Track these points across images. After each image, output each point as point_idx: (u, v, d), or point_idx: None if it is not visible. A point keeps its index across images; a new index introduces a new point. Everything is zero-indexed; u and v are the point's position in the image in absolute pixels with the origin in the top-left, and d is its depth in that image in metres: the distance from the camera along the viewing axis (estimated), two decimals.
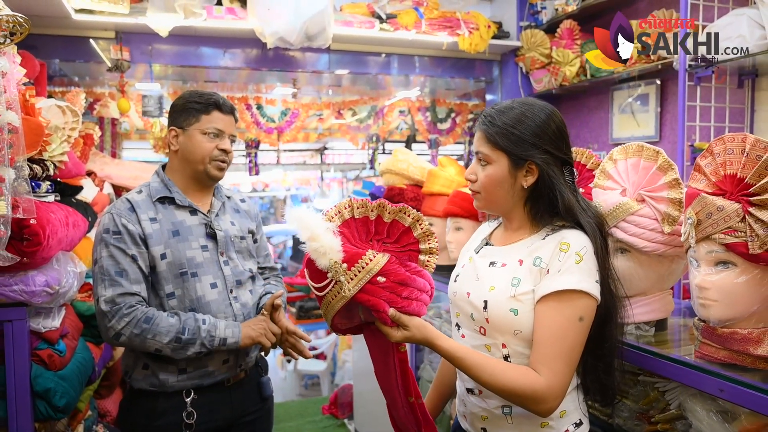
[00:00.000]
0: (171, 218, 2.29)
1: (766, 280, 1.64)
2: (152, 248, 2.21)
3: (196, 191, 2.40)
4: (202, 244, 2.31)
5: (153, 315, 2.14)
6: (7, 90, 1.82)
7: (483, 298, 1.73)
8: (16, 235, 2.01)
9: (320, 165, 9.93)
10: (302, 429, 5.36)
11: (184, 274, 2.24)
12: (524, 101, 1.77)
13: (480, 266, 1.82)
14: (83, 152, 3.25)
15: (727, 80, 3.60)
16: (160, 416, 2.23)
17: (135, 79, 5.28)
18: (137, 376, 2.26)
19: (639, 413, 2.09)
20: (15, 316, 2.20)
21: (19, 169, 1.89)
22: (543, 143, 1.70)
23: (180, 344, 2.14)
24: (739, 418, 1.72)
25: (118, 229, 2.19)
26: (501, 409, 1.75)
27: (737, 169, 1.64)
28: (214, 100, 2.36)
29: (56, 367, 2.36)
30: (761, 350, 1.65)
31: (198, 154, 2.33)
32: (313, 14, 4.23)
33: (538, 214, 1.76)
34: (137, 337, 2.12)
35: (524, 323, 1.66)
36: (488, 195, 1.78)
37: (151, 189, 2.34)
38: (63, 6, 3.73)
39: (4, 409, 2.23)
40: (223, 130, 2.37)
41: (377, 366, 1.85)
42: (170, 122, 2.40)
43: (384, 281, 1.62)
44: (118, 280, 2.14)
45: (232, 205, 2.53)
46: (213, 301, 2.27)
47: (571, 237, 1.67)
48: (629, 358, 1.98)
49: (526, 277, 1.68)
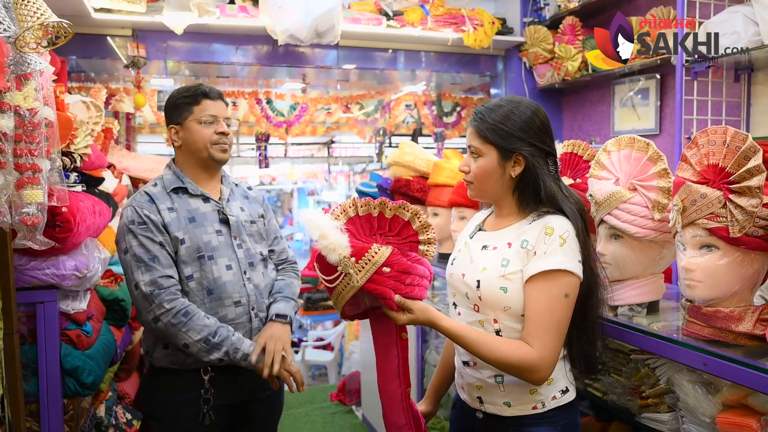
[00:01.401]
0: (186, 206, 2.41)
1: (746, 262, 1.78)
2: (173, 234, 2.33)
3: (206, 180, 2.52)
4: (216, 229, 2.42)
5: (192, 311, 2.25)
6: (43, 87, 1.96)
7: (476, 278, 1.89)
8: (49, 222, 2.13)
9: (327, 158, 10.01)
10: (311, 415, 5.47)
11: (202, 257, 2.35)
12: (512, 99, 1.94)
13: (474, 249, 1.98)
14: (104, 145, 3.37)
15: (724, 75, 3.70)
16: (179, 392, 2.34)
17: (150, 75, 5.39)
18: (158, 355, 2.36)
19: (631, 389, 2.23)
20: (46, 298, 2.35)
21: (53, 161, 2.02)
22: (529, 137, 1.86)
23: (207, 345, 2.24)
24: (721, 390, 1.85)
25: (142, 220, 2.30)
26: (494, 378, 1.91)
27: (719, 159, 1.77)
28: (201, 90, 2.48)
29: (84, 347, 2.49)
30: (742, 327, 1.79)
31: (199, 143, 2.44)
32: (322, 12, 4.35)
33: (525, 201, 1.93)
34: (173, 327, 2.23)
35: (513, 300, 1.83)
36: (480, 184, 1.94)
37: (165, 181, 2.45)
38: (83, 5, 3.86)
39: (36, 385, 2.36)
40: (216, 115, 2.47)
41: (380, 351, 2.00)
42: (168, 122, 2.53)
43: (389, 271, 1.80)
44: (153, 265, 2.26)
45: (241, 192, 2.65)
46: (228, 281, 2.38)
47: (555, 222, 1.83)
48: (622, 336, 2.15)
49: (515, 258, 1.84)
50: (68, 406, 2.52)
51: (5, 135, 1.75)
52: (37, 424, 2.39)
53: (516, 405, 1.91)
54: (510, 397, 1.91)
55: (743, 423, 1.74)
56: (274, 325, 2.42)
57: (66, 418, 2.49)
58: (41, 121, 1.89)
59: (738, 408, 1.81)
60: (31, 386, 2.37)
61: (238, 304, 2.39)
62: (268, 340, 2.34)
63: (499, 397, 1.93)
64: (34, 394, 2.37)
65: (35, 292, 2.34)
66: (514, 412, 1.91)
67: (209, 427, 2.36)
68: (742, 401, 1.79)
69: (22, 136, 1.83)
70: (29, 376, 2.37)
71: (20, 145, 1.82)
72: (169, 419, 2.38)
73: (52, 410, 2.39)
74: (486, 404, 1.96)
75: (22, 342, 2.34)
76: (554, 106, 5.52)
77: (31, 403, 2.38)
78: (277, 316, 2.45)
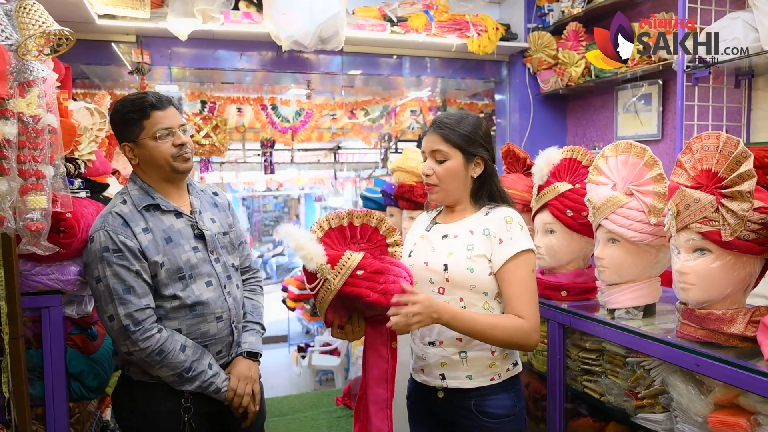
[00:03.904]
0: (161, 225, 2.30)
1: (738, 265, 1.81)
2: (151, 259, 2.23)
3: (174, 192, 2.40)
4: (193, 246, 2.34)
5: (166, 348, 2.20)
6: (46, 94, 1.99)
7: (443, 263, 2.15)
8: (54, 228, 2.17)
9: (334, 164, 10.03)
10: (317, 419, 5.49)
11: (183, 277, 2.28)
12: (466, 112, 2.22)
13: (434, 240, 2.24)
14: (108, 152, 3.41)
15: (725, 80, 3.71)
16: (160, 403, 2.28)
17: (154, 82, 5.41)
18: (134, 369, 2.30)
19: (627, 390, 2.26)
20: (51, 303, 2.38)
21: (57, 167, 2.06)
22: (485, 143, 2.20)
23: (181, 379, 2.23)
24: (713, 391, 1.88)
25: (118, 247, 2.18)
26: (458, 355, 2.16)
27: (712, 165, 1.80)
28: (148, 101, 2.30)
29: (89, 351, 2.53)
30: (734, 329, 1.82)
31: (159, 159, 2.30)
32: (326, 18, 4.36)
33: (478, 198, 2.24)
34: (146, 363, 2.20)
35: (478, 279, 2.11)
36: (445, 185, 2.20)
37: (133, 198, 2.31)
38: (87, 11, 3.87)
39: (42, 389, 2.39)
40: (170, 126, 2.31)
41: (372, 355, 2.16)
42: (119, 140, 2.36)
43: (363, 273, 1.97)
44: (128, 298, 2.17)
45: (208, 200, 2.54)
46: (210, 298, 2.33)
47: (510, 212, 2.16)
48: (618, 339, 2.22)
49: (479, 244, 2.13)
50: (74, 409, 2.55)
51: (9, 142, 1.79)
52: (43, 427, 2.42)
53: (477, 377, 2.16)
54: (472, 371, 2.16)
55: (734, 422, 1.77)
56: (245, 362, 2.43)
57: (72, 421, 2.52)
58: (44, 127, 1.93)
59: (729, 408, 1.84)
60: (37, 390, 2.40)
61: (219, 319, 2.36)
62: (240, 380, 2.36)
63: (462, 371, 2.16)
64: (40, 398, 2.40)
65: (40, 297, 2.38)
66: (474, 384, 2.15)
67: None
68: (734, 401, 1.82)
69: (26, 143, 1.87)
70: (35, 380, 2.40)
71: (24, 152, 1.86)
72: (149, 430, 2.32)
73: (58, 414, 2.42)
74: (448, 380, 2.18)
75: (27, 346, 2.38)
76: (558, 112, 5.54)
77: (37, 406, 2.41)
78: (248, 354, 2.46)
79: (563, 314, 2.51)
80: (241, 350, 2.45)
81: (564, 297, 2.64)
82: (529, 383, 2.98)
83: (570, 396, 2.62)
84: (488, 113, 6.41)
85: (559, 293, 2.65)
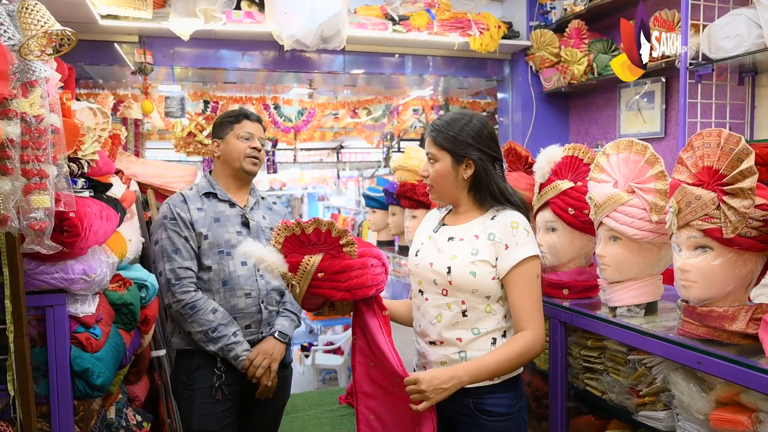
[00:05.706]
0: (214, 209, 2.83)
1: (740, 262, 1.81)
2: (198, 230, 2.74)
3: (236, 189, 2.92)
4: (237, 230, 2.81)
5: (199, 306, 2.68)
6: (49, 94, 2.00)
7: (446, 265, 2.18)
8: (57, 227, 2.17)
9: (337, 163, 10.05)
10: (320, 417, 5.49)
11: (221, 252, 2.75)
12: (464, 113, 2.27)
13: (440, 241, 2.27)
14: (112, 152, 3.41)
15: (728, 78, 3.71)
16: (196, 369, 2.75)
17: (157, 81, 5.44)
18: (175, 339, 2.81)
19: (629, 388, 2.27)
20: (56, 302, 2.39)
21: (60, 167, 2.06)
22: (478, 144, 2.19)
23: (206, 338, 2.68)
24: (715, 388, 1.88)
25: (173, 216, 2.75)
26: (458, 354, 2.19)
27: (713, 162, 1.81)
28: (243, 112, 2.94)
29: (93, 349, 2.53)
30: (735, 326, 1.82)
31: (234, 153, 2.86)
32: (328, 17, 4.36)
33: (482, 200, 2.24)
34: (180, 316, 2.70)
35: (480, 283, 2.13)
36: (438, 186, 2.26)
37: (198, 187, 2.90)
38: (90, 12, 3.89)
39: (47, 387, 2.40)
40: (252, 133, 2.89)
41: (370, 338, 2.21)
42: (213, 136, 2.97)
43: (323, 275, 2.08)
44: (174, 257, 2.71)
45: (266, 204, 3.04)
46: (242, 275, 2.77)
47: (516, 216, 2.17)
48: (619, 336, 2.21)
49: (483, 248, 2.15)
50: (78, 407, 2.55)
51: (12, 141, 1.79)
52: (48, 425, 2.42)
53: None
54: None
55: (735, 420, 1.77)
56: (271, 340, 2.82)
57: (76, 419, 2.52)
58: (47, 127, 1.92)
59: (730, 405, 1.84)
60: (42, 388, 2.41)
61: (248, 295, 2.78)
62: (260, 353, 2.75)
63: None
64: (45, 396, 2.41)
65: (44, 295, 2.38)
66: (474, 384, 2.13)
67: (222, 403, 2.74)
68: (735, 398, 1.82)
69: (29, 143, 1.87)
70: (40, 378, 2.40)
71: (27, 152, 1.86)
72: (188, 396, 2.77)
73: (63, 411, 2.42)
74: None
75: (32, 345, 2.38)
76: (561, 110, 5.54)
77: (42, 404, 2.41)
78: (279, 333, 2.85)
79: (565, 312, 2.51)
80: (273, 330, 2.85)
81: (566, 295, 2.64)
82: (530, 381, 3.00)
83: (572, 394, 2.62)
84: (491, 112, 6.41)
85: (560, 291, 2.65)
